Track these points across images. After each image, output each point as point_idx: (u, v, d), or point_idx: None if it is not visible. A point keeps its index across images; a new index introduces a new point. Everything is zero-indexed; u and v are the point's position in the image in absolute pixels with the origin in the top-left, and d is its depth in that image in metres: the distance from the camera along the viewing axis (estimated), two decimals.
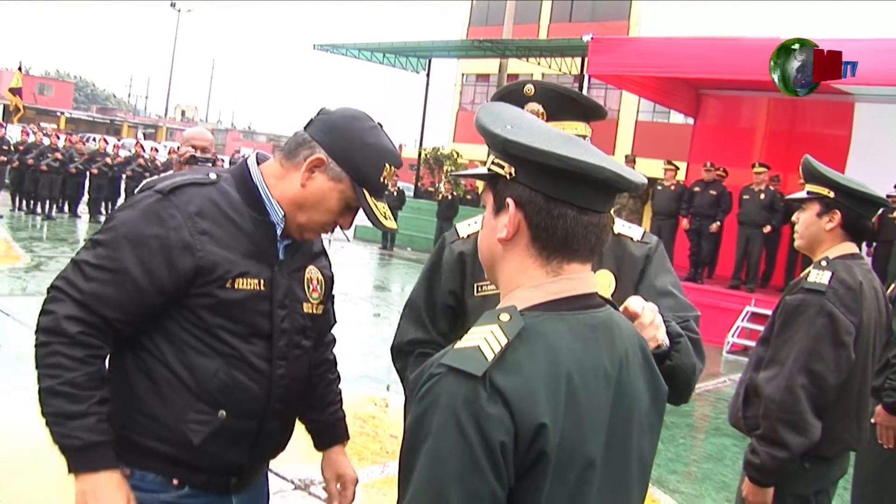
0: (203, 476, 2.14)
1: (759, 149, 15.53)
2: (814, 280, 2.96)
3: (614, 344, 1.48)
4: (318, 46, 24.81)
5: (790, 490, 2.99)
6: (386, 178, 2.18)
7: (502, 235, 1.45)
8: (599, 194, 1.44)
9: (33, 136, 21.24)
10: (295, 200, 2.15)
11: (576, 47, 18.15)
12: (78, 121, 58.64)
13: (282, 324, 2.17)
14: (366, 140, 2.14)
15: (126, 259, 2.00)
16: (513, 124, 1.46)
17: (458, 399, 1.29)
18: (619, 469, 1.49)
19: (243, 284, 2.09)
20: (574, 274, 1.46)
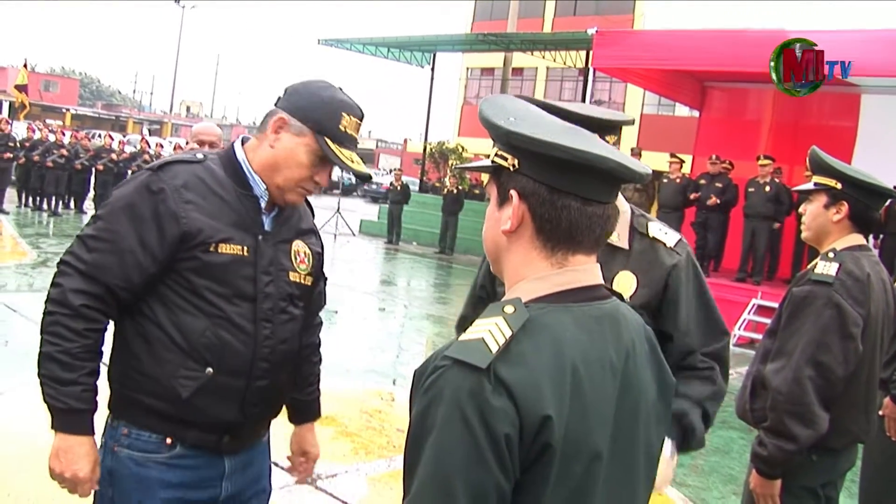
0: (194, 432, 2.29)
1: (765, 141, 15.49)
2: (821, 271, 2.95)
3: (620, 335, 1.47)
4: (323, 41, 24.80)
5: (798, 482, 2.98)
6: (347, 127, 2.31)
7: (506, 227, 1.45)
8: (603, 185, 1.42)
9: (39, 133, 21.26)
10: (268, 164, 2.32)
11: (580, 40, 18.12)
12: (83, 117, 58.72)
13: (266, 288, 2.33)
14: (321, 95, 2.32)
15: (122, 228, 2.21)
16: (516, 116, 1.45)
17: (463, 391, 1.28)
18: (626, 461, 1.49)
19: (227, 249, 2.26)
20: (579, 265, 1.45)
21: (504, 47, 23.13)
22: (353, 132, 2.34)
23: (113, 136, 24.42)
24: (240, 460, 2.43)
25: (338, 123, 2.29)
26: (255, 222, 2.34)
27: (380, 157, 63.09)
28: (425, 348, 10.16)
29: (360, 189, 45.53)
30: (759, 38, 12.16)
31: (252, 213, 2.34)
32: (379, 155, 64.24)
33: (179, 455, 2.29)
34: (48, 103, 56.10)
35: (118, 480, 2.29)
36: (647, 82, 16.59)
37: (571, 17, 34.71)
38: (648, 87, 18.12)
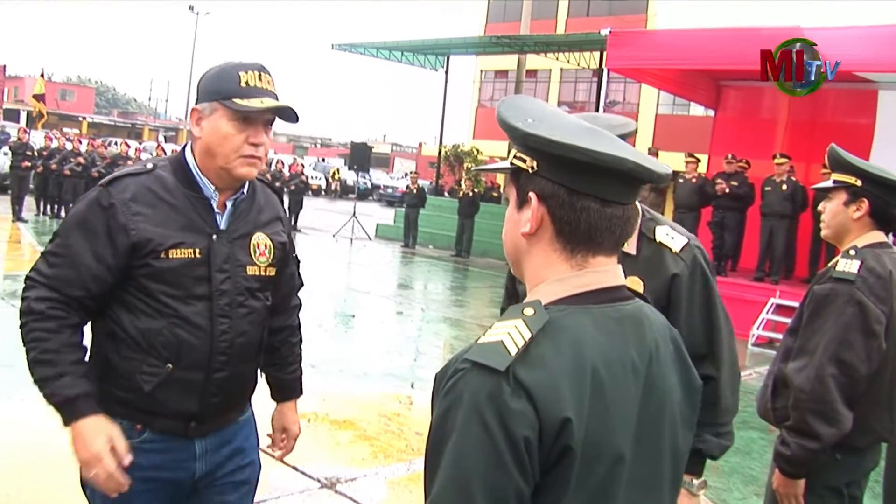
0: (160, 420, 2.44)
1: (781, 139, 15.41)
2: (842, 269, 2.92)
3: (643, 336, 1.46)
4: (337, 46, 24.86)
5: (822, 482, 2.95)
6: (248, 81, 2.39)
7: (525, 230, 1.44)
8: (623, 186, 1.41)
9: (56, 142, 21.37)
10: (203, 154, 2.43)
11: (594, 41, 18.11)
12: (99, 125, 59.12)
13: (221, 285, 2.45)
14: (214, 71, 2.45)
15: (77, 244, 2.35)
16: (534, 117, 1.44)
17: (482, 394, 1.28)
18: (651, 463, 1.47)
19: (177, 254, 2.37)
20: (600, 267, 1.45)
21: (518, 49, 23.12)
22: (258, 84, 2.40)
23: (129, 143, 24.59)
24: (212, 441, 2.57)
25: (237, 83, 2.37)
26: (207, 223, 2.45)
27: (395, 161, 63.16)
28: (443, 351, 10.15)
29: (375, 193, 45.58)
30: (773, 36, 12.08)
31: (203, 215, 2.45)
32: (394, 159, 64.33)
33: (149, 440, 2.45)
34: (65, 112, 56.61)
35: None
36: (662, 82, 16.53)
37: (584, 17, 34.68)
38: (663, 86, 18.05)
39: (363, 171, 29.23)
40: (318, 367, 8.07)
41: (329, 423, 6.27)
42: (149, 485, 2.45)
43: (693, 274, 2.54)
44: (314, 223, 25.05)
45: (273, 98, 2.42)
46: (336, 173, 43.51)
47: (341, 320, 11.83)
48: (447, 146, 32.48)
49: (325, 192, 45.65)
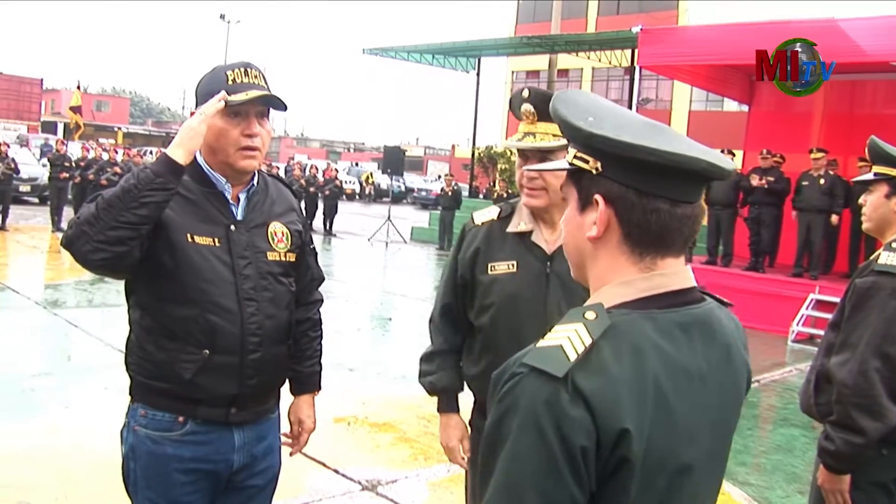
0: (202, 408, 2.54)
1: (817, 133, 15.24)
2: (885, 262, 2.88)
3: (714, 341, 1.42)
4: (368, 50, 24.97)
5: (868, 477, 2.91)
6: (235, 78, 2.53)
7: (592, 234, 1.39)
8: (693, 185, 1.37)
9: (93, 152, 21.63)
10: (207, 150, 2.57)
11: (625, 39, 18.03)
12: (135, 135, 59.78)
13: (244, 270, 2.56)
14: (205, 77, 2.62)
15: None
16: (595, 115, 1.39)
17: (539, 401, 1.24)
18: (716, 470, 1.47)
19: (200, 240, 2.50)
20: (668, 269, 1.40)
21: (549, 49, 23.07)
22: (244, 79, 2.53)
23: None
24: (251, 433, 2.66)
25: (225, 81, 2.51)
26: (224, 214, 2.58)
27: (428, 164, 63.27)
28: None
29: (409, 196, 45.66)
30: (806, 29, 11.94)
31: (220, 207, 2.58)
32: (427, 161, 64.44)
33: (191, 432, 2.54)
34: (100, 123, 57.38)
35: (139, 456, 2.55)
36: (694, 78, 16.42)
37: (615, 16, 34.55)
38: (695, 83, 17.91)
39: (397, 174, 29.29)
40: (356, 371, 8.11)
41: (369, 425, 6.28)
42: (190, 476, 2.55)
43: None
44: (349, 227, 25.13)
45: (259, 90, 2.54)
46: (370, 177, 43.66)
47: (379, 323, 11.88)
48: (480, 148, 32.47)
49: (359, 196, 45.76)
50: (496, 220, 2.87)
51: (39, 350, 8.26)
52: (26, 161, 24.54)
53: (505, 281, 2.76)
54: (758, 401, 8.57)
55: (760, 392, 8.89)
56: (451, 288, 2.97)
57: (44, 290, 11.73)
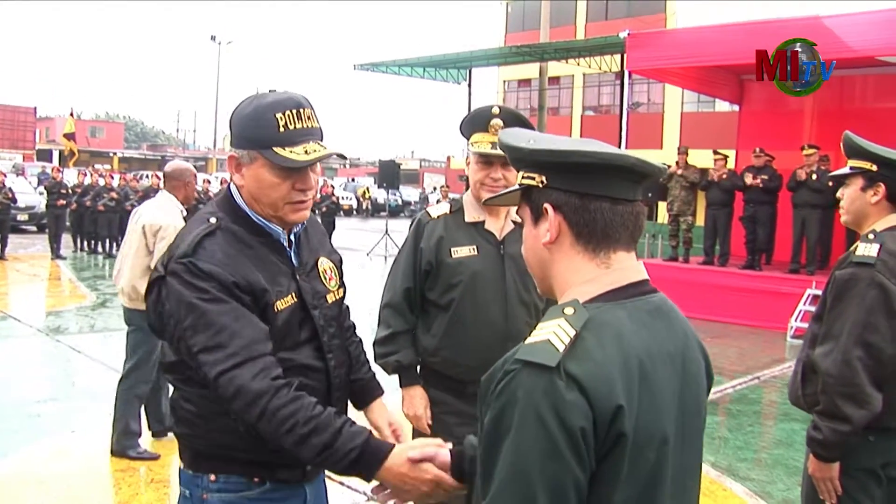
0: (284, 472, 2.30)
1: (809, 130, 15.32)
2: (862, 253, 2.96)
3: (673, 327, 1.56)
4: (359, 66, 25.02)
5: (856, 464, 2.98)
6: (288, 123, 2.18)
7: (546, 239, 1.54)
8: (628, 184, 1.52)
9: (89, 178, 21.73)
10: (250, 200, 2.28)
11: (614, 45, 18.11)
12: (130, 159, 59.97)
13: (321, 322, 2.35)
14: (245, 113, 2.23)
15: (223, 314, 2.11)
16: (534, 138, 1.56)
17: (537, 391, 1.35)
18: (691, 448, 1.56)
19: (283, 304, 2.24)
20: (622, 262, 1.54)
21: (538, 57, 23.15)
22: (298, 124, 2.20)
23: (160, 175, 24.78)
24: (313, 489, 2.47)
25: (274, 128, 2.17)
26: (286, 264, 2.32)
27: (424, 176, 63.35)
28: None
29: (406, 210, 45.72)
30: (795, 28, 12.04)
31: (280, 257, 2.31)
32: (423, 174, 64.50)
33: (269, 489, 2.30)
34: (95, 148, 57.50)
35: None
36: (684, 80, 16.54)
37: (603, 21, 34.66)
38: (686, 85, 18.05)
39: (393, 188, 29.35)
40: None
41: None
42: None
43: None
44: (347, 243, 25.17)
45: (317, 138, 2.25)
46: (366, 192, 43.68)
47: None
48: None
49: (356, 211, 45.87)
50: (449, 214, 3.40)
51: (44, 376, 8.30)
52: (23, 190, 24.66)
53: (469, 262, 3.28)
54: (758, 397, 8.63)
55: (761, 388, 8.95)
56: (411, 274, 3.38)
57: (45, 318, 11.78)
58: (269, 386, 2.06)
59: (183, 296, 2.11)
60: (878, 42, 11.36)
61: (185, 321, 2.10)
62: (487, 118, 3.23)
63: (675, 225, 14.88)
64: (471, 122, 3.33)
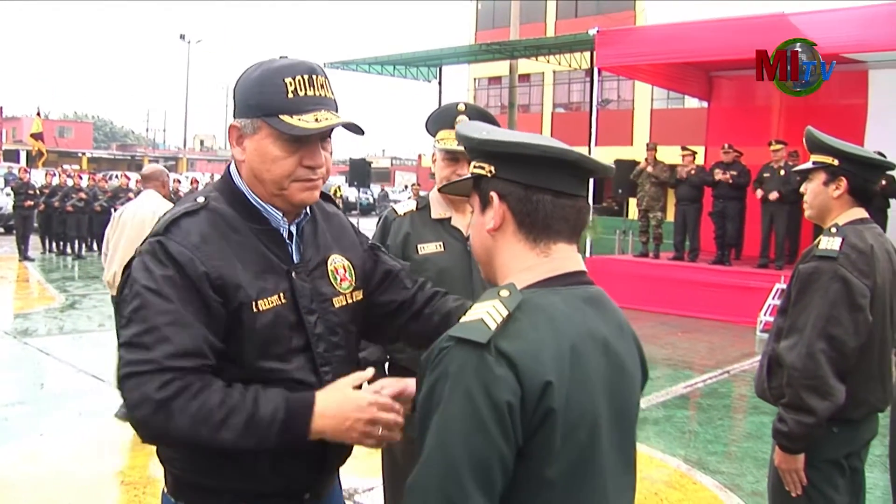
0: (275, 499, 2.03)
1: (777, 126, 15.47)
2: (825, 247, 3.00)
3: (606, 315, 1.60)
4: (329, 64, 24.92)
5: (821, 455, 3.02)
6: (297, 89, 1.93)
7: (490, 226, 1.60)
8: (571, 178, 1.58)
9: (57, 179, 21.52)
10: (252, 179, 2.02)
11: (584, 42, 18.13)
12: (99, 160, 59.41)
13: (315, 329, 2.03)
14: (251, 77, 1.98)
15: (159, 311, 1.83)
16: (488, 131, 1.62)
17: (468, 366, 1.40)
18: (624, 434, 1.59)
19: (266, 304, 1.94)
20: (562, 254, 1.59)
21: (508, 55, 23.18)
22: (309, 91, 1.94)
23: (129, 175, 24.70)
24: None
25: (282, 93, 1.92)
26: (281, 259, 2.02)
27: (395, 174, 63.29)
28: None
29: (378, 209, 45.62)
30: (761, 25, 12.18)
31: (276, 249, 2.02)
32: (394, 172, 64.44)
33: None
34: (64, 149, 56.91)
35: None
36: (654, 77, 16.63)
37: (573, 18, 34.78)
38: (655, 81, 18.14)
39: (364, 186, 29.29)
40: None
41: None
42: None
43: None
44: None
45: (331, 108, 1.98)
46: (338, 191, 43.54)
47: None
48: None
49: None
50: (416, 211, 3.40)
51: (12, 379, 8.22)
52: None
53: (435, 259, 3.28)
54: (728, 391, 8.71)
55: (731, 382, 9.03)
56: None
57: (13, 320, 11.67)
58: (177, 389, 1.76)
59: (136, 280, 1.86)
60: (844, 40, 11.47)
61: (128, 307, 1.85)
62: (454, 115, 3.25)
63: (644, 221, 14.97)
64: (437, 119, 3.36)
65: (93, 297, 13.91)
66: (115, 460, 5.82)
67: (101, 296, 14.10)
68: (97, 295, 14.07)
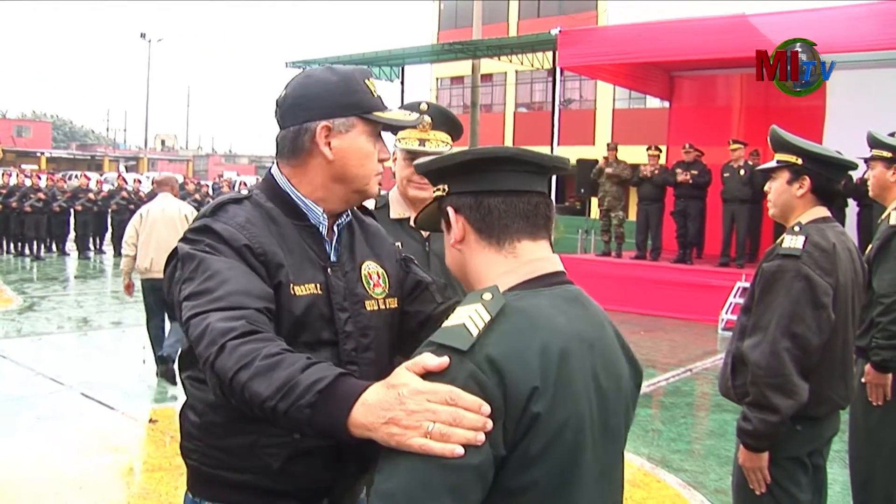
0: (291, 501, 1.99)
1: (737, 125, 15.64)
2: (788, 245, 3.01)
3: (590, 315, 1.58)
4: (291, 63, 24.80)
5: (784, 453, 3.04)
6: (374, 90, 2.07)
7: (452, 240, 1.63)
8: (518, 176, 1.58)
9: (15, 179, 21.21)
10: (331, 179, 2.05)
11: (546, 42, 18.18)
12: (59, 159, 58.65)
13: (345, 326, 2.03)
14: (333, 81, 2.05)
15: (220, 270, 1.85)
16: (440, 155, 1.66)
17: (448, 375, 1.36)
18: (612, 434, 1.57)
19: (303, 290, 1.96)
20: (530, 252, 1.58)
21: (471, 55, 23.19)
22: (378, 92, 2.09)
23: (89, 175, 24.39)
24: None
25: (369, 93, 2.05)
26: (319, 255, 2.05)
27: None
28: None
29: None
30: (722, 25, 12.30)
31: (313, 245, 2.05)
32: None
33: None
34: (22, 148, 56.10)
35: None
36: (615, 77, 16.71)
37: (535, 18, 34.85)
38: (616, 81, 18.24)
39: None
40: None
41: None
42: None
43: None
44: None
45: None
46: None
47: None
48: None
49: None
50: (374, 210, 3.12)
51: None
52: None
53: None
54: (691, 389, 8.77)
55: (693, 380, 9.09)
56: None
57: None
58: (240, 326, 1.71)
59: (184, 250, 1.90)
60: None
61: (187, 269, 1.87)
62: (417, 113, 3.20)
63: (606, 220, 15.07)
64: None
65: (52, 298, 13.71)
66: (73, 465, 5.72)
67: (59, 297, 13.94)
68: (56, 297, 13.89)
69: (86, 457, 5.86)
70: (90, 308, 12.88)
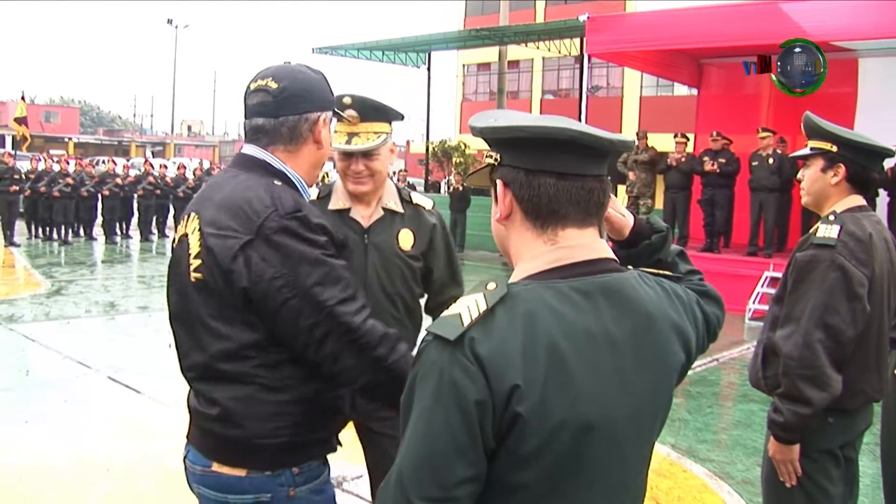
0: (335, 439, 2.36)
1: (766, 114, 15.44)
2: (823, 235, 2.95)
3: (625, 308, 1.49)
4: (317, 49, 24.82)
5: (816, 445, 2.99)
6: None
7: (497, 216, 1.55)
8: (575, 157, 1.48)
9: (43, 164, 21.37)
10: (313, 164, 2.33)
11: (573, 28, 18.10)
12: (86, 145, 59.09)
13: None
14: (319, 78, 2.35)
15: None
16: (496, 117, 1.54)
17: (437, 364, 1.37)
18: (639, 432, 1.52)
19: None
20: (572, 240, 1.50)
21: (498, 41, 23.12)
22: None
23: (116, 161, 24.52)
24: None
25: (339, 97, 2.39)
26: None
27: None
28: None
29: None
30: (752, 12, 12.14)
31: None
32: None
33: (327, 469, 2.33)
34: (50, 134, 56.53)
35: None
36: (643, 64, 16.56)
37: (563, 5, 34.70)
38: (644, 68, 18.07)
39: None
40: None
41: None
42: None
43: (441, 224, 3.31)
44: None
45: None
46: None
47: None
48: (434, 142, 32.46)
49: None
50: (317, 201, 3.22)
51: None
52: None
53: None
54: (717, 378, 8.70)
55: (720, 370, 9.02)
56: None
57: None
58: (395, 331, 2.19)
59: (305, 252, 2.08)
60: (833, 28, 11.46)
61: (312, 277, 2.07)
62: (342, 109, 3.05)
63: (634, 208, 14.96)
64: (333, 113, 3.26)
65: (79, 282, 13.82)
66: (100, 448, 5.76)
67: (87, 281, 14.05)
68: (83, 281, 13.99)
69: (113, 440, 5.90)
70: (117, 292, 12.97)
